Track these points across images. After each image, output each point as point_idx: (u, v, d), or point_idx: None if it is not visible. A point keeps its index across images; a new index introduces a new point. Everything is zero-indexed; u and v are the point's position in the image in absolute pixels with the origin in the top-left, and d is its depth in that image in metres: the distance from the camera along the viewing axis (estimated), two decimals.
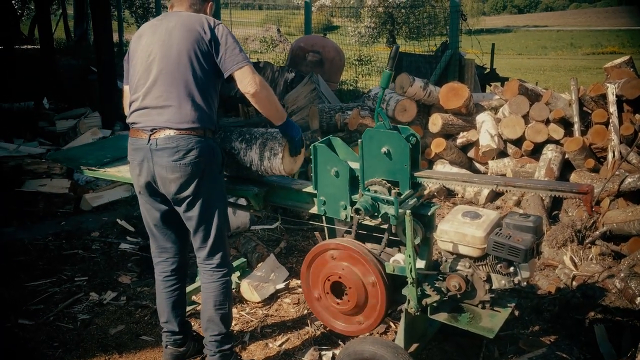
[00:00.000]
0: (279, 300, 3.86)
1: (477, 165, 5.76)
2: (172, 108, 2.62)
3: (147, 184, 2.74)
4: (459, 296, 2.68)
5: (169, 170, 2.64)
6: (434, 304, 2.67)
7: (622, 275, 3.71)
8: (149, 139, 2.64)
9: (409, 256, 2.58)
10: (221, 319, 2.87)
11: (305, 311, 3.67)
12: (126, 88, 2.88)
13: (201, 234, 2.79)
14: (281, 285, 3.96)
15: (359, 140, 2.70)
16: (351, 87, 12.62)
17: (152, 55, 2.68)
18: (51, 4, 14.92)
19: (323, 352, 3.28)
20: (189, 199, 2.70)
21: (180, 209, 2.76)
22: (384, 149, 2.68)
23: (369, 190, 2.72)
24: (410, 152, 2.68)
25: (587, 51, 27.28)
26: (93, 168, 3.55)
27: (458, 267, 2.67)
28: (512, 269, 2.55)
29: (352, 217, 2.82)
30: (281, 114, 2.80)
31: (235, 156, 2.97)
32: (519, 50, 28.29)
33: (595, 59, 21.04)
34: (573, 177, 5.03)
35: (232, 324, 3.47)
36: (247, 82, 2.63)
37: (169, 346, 3.03)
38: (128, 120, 2.77)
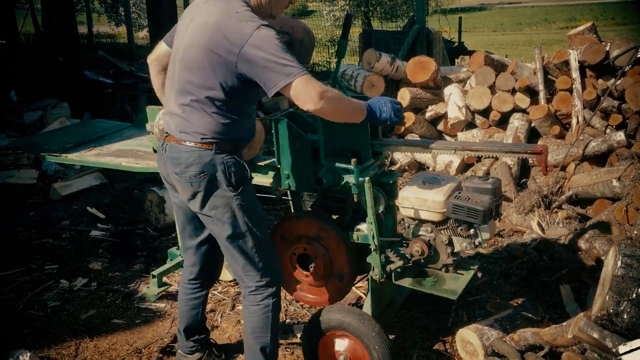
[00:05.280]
0: None
1: (447, 137, 5.79)
2: (180, 117, 2.36)
3: (170, 188, 2.58)
4: (422, 261, 2.71)
5: (175, 182, 2.46)
6: (398, 270, 2.70)
7: (586, 236, 3.78)
8: (163, 142, 2.47)
9: (371, 223, 2.60)
10: (261, 349, 2.56)
11: None
12: (161, 44, 2.65)
13: (227, 254, 2.54)
14: None
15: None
16: (324, 69, 12.61)
17: (179, 51, 2.37)
18: None
19: (294, 326, 3.31)
20: (200, 215, 2.49)
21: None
22: None
23: (330, 161, 2.72)
24: None
25: (561, 25, 27.39)
26: (55, 154, 3.52)
27: (420, 232, 2.70)
28: (472, 231, 2.58)
29: (315, 190, 2.83)
30: (359, 114, 2.43)
31: None
32: (493, 27, 28.34)
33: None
34: (539, 143, 5.08)
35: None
36: (302, 100, 2.19)
37: (180, 351, 2.90)
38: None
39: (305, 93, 2.17)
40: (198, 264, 2.77)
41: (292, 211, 3.11)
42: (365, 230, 2.71)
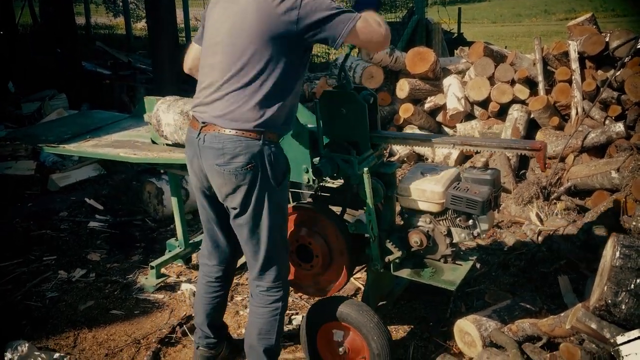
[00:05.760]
0: None
1: (446, 129, 5.78)
2: (228, 103, 2.25)
3: (199, 181, 2.45)
4: (421, 252, 2.72)
5: (213, 174, 2.32)
6: (397, 261, 2.70)
7: (585, 227, 3.78)
8: (199, 133, 2.32)
9: (369, 214, 2.60)
10: (265, 351, 2.51)
11: None
12: (194, 46, 2.56)
13: (250, 250, 2.45)
14: None
15: (315, 101, 2.69)
16: (323, 60, 12.56)
17: (219, 36, 2.29)
18: None
19: (293, 317, 3.31)
20: (236, 210, 2.36)
21: (230, 217, 2.45)
22: (341, 109, 2.67)
23: (328, 151, 2.71)
24: (368, 112, 2.67)
25: (560, 17, 27.30)
26: (53, 145, 3.50)
27: (419, 223, 2.70)
28: (471, 221, 2.58)
29: (314, 180, 2.82)
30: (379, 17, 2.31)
31: None
32: (493, 18, 28.26)
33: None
34: (538, 135, 5.08)
35: None
36: (370, 37, 2.22)
37: (200, 347, 2.81)
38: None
39: (366, 37, 2.21)
40: (225, 262, 2.71)
41: (290, 202, 3.10)
42: (364, 220, 2.71)
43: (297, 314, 3.34)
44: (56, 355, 2.95)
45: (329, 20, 2.17)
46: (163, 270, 3.77)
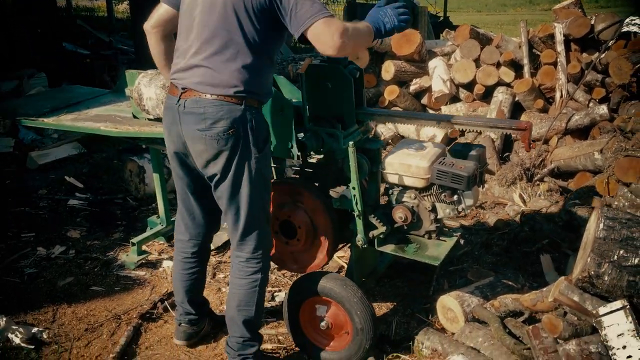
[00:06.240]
0: None
1: (431, 111, 5.77)
2: (207, 68, 2.23)
3: (176, 150, 2.40)
4: (405, 227, 2.70)
5: (195, 141, 2.28)
6: (381, 236, 2.68)
7: (567, 207, 3.80)
8: (179, 99, 2.28)
9: (354, 189, 2.58)
10: (244, 322, 2.50)
11: None
12: (161, 6, 2.47)
13: (231, 219, 2.42)
14: None
15: (300, 74, 2.65)
16: (309, 45, 12.48)
17: (197, 0, 2.27)
18: None
19: (275, 293, 3.29)
20: (216, 177, 2.34)
21: (211, 185, 2.41)
22: (326, 84, 2.63)
23: (313, 125, 2.68)
24: (354, 86, 2.64)
25: (545, 7, 27.46)
26: (31, 118, 3.42)
27: (404, 199, 2.68)
28: (455, 197, 2.56)
29: (298, 156, 2.78)
30: (370, 38, 2.26)
31: None
32: (478, 8, 28.35)
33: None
34: (523, 117, 5.10)
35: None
36: (322, 42, 2.09)
37: (182, 324, 2.81)
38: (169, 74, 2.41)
39: (325, 37, 2.07)
40: (202, 237, 2.68)
41: (274, 178, 3.06)
42: (349, 196, 2.68)
43: (279, 291, 3.32)
44: (34, 329, 2.90)
45: (295, 8, 2.10)
46: (144, 247, 3.73)
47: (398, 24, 2.27)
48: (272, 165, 2.95)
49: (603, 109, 4.54)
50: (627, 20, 5.06)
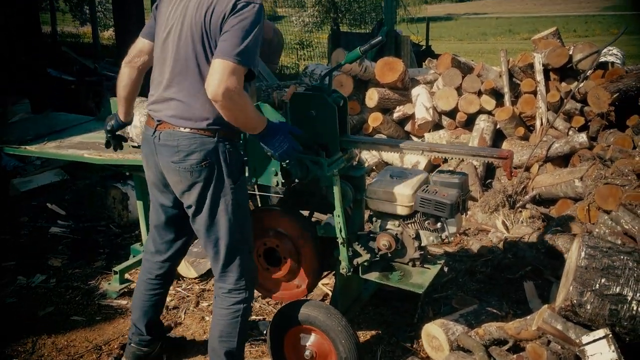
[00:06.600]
0: None
1: (414, 138, 5.83)
2: (179, 102, 2.26)
3: (155, 179, 2.45)
4: (389, 255, 2.70)
5: (169, 171, 2.33)
6: (365, 264, 2.69)
7: (549, 234, 3.83)
8: (154, 131, 2.33)
9: (338, 216, 2.58)
10: (226, 354, 2.49)
11: None
12: (139, 40, 2.50)
13: (211, 250, 2.43)
14: None
15: (285, 102, 2.67)
16: (293, 71, 12.61)
17: (170, 29, 2.28)
18: None
19: (260, 322, 3.27)
20: (192, 208, 2.36)
21: (190, 218, 2.43)
22: (311, 111, 2.65)
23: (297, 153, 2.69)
24: (338, 114, 2.66)
25: (524, 36, 28.03)
26: (14, 146, 3.40)
27: (388, 226, 2.69)
28: (439, 225, 2.58)
29: (282, 183, 2.79)
30: (252, 129, 2.31)
31: None
32: (459, 36, 28.83)
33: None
34: (504, 145, 5.16)
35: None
36: (209, 81, 2.09)
37: (132, 344, 2.80)
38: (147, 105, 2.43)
39: (216, 77, 2.07)
40: (171, 260, 2.70)
41: (259, 206, 3.06)
42: (333, 224, 2.69)
43: (263, 319, 3.29)
44: None
45: (224, 37, 2.13)
46: (127, 275, 3.68)
47: (279, 156, 2.36)
48: (258, 193, 2.97)
49: (582, 137, 4.62)
50: (605, 50, 5.19)
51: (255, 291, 2.92)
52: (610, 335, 2.06)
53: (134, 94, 2.55)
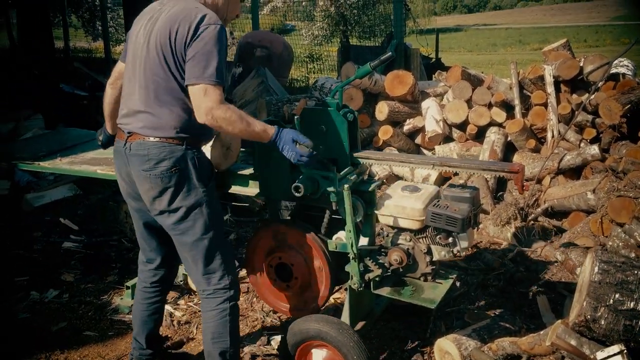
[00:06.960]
0: None
1: (424, 151, 5.83)
2: (147, 114, 2.38)
3: (129, 189, 2.54)
4: (401, 270, 2.69)
5: (140, 180, 2.42)
6: (377, 279, 2.68)
7: (562, 248, 3.81)
8: (125, 142, 2.43)
9: (350, 231, 2.58)
10: (220, 354, 2.52)
11: (255, 299, 3.64)
12: (119, 64, 2.64)
13: (188, 255, 2.50)
14: None
15: (295, 118, 2.69)
16: (303, 85, 12.65)
17: (138, 49, 2.42)
18: None
19: (272, 337, 3.26)
20: (164, 214, 2.44)
21: (161, 223, 2.51)
22: (321, 126, 2.67)
23: (308, 169, 2.70)
24: (348, 129, 2.67)
25: (535, 47, 28.03)
26: (27, 162, 3.44)
27: (399, 241, 2.68)
28: (451, 239, 2.57)
29: (293, 198, 2.80)
30: (258, 138, 2.42)
31: None
32: (469, 47, 28.88)
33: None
34: (515, 157, 5.15)
35: (173, 318, 3.43)
36: (195, 106, 2.28)
37: (133, 358, 2.83)
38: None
39: (197, 102, 2.26)
40: (163, 266, 2.76)
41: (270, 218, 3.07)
42: (344, 238, 2.69)
43: (276, 334, 3.29)
44: None
45: (192, 61, 2.28)
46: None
47: (295, 158, 2.44)
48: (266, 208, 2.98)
49: (594, 149, 4.60)
50: (616, 61, 5.18)
51: (267, 305, 2.93)
52: (625, 351, 2.04)
53: (117, 110, 2.65)
